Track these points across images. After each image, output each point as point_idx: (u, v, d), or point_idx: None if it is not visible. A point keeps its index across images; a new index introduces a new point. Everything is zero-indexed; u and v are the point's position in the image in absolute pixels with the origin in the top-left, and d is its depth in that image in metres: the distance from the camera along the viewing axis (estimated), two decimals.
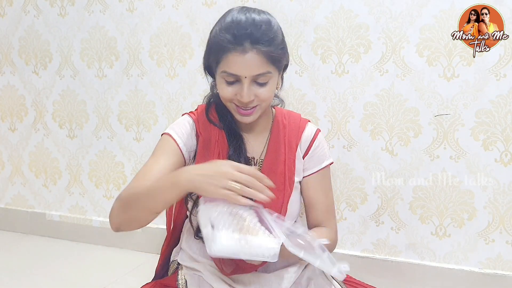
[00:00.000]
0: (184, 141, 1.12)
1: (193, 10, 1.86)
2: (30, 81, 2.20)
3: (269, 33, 1.02)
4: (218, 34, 1.04)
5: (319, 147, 1.20)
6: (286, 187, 1.13)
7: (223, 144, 1.12)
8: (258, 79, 1.03)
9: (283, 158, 1.15)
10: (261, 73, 1.03)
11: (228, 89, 1.05)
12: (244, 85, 1.03)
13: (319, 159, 1.20)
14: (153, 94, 1.99)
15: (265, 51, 1.01)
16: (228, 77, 1.03)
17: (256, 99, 1.06)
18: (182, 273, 1.18)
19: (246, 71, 1.01)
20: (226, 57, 1.01)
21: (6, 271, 1.89)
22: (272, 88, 1.07)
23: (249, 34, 1.00)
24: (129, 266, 1.94)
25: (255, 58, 1.00)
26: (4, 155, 2.33)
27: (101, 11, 2.01)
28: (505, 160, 1.59)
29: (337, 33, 1.69)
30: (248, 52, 1.00)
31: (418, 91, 1.64)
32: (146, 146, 2.05)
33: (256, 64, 1.01)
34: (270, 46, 1.01)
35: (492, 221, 1.63)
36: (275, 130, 1.18)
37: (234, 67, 1.01)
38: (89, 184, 2.19)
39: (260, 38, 1.00)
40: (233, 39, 1.00)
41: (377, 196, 1.74)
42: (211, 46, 1.07)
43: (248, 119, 1.09)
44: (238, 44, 1.00)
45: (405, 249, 1.74)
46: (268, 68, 1.03)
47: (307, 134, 1.20)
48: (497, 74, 1.55)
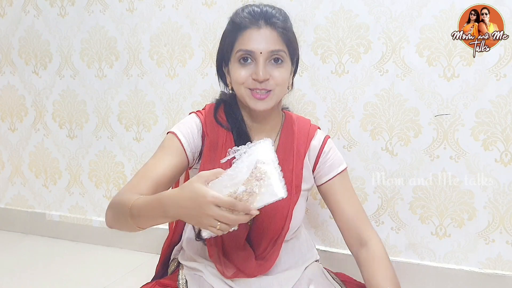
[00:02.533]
0: (189, 141, 1.12)
1: (193, 10, 1.86)
2: (30, 81, 2.20)
3: (282, 16, 1.09)
4: (235, 18, 1.09)
5: (330, 153, 1.20)
6: (293, 194, 1.13)
7: (231, 146, 1.11)
8: (273, 57, 1.06)
9: (291, 165, 1.14)
10: (275, 49, 1.05)
11: (242, 71, 1.06)
12: (259, 62, 1.05)
13: (335, 164, 1.20)
14: (153, 94, 1.99)
15: (279, 28, 1.06)
16: (244, 56, 1.06)
17: (272, 80, 1.06)
18: (182, 273, 1.18)
19: (262, 45, 1.04)
20: (242, 35, 1.06)
21: (6, 271, 1.89)
22: (287, 72, 1.09)
23: (264, 13, 1.06)
24: (129, 266, 1.94)
25: (269, 33, 1.05)
26: (4, 155, 2.33)
27: (101, 11, 2.01)
28: (505, 160, 1.59)
29: (337, 33, 1.69)
30: (262, 27, 1.05)
31: (418, 91, 1.64)
32: (146, 146, 2.05)
33: (270, 39, 1.05)
34: (283, 24, 1.08)
35: (492, 221, 1.63)
36: (284, 135, 1.17)
37: (250, 43, 1.04)
38: (89, 184, 2.19)
39: (274, 16, 1.07)
40: (249, 16, 1.06)
41: (377, 196, 1.74)
42: (227, 32, 1.11)
43: (262, 104, 1.08)
44: (254, 21, 1.05)
45: (405, 249, 1.74)
46: (281, 46, 1.07)
47: (316, 142, 1.20)
48: (497, 74, 1.55)
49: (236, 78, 1.07)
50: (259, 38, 1.04)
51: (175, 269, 1.23)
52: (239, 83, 1.07)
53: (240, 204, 0.85)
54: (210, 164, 1.09)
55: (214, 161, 1.09)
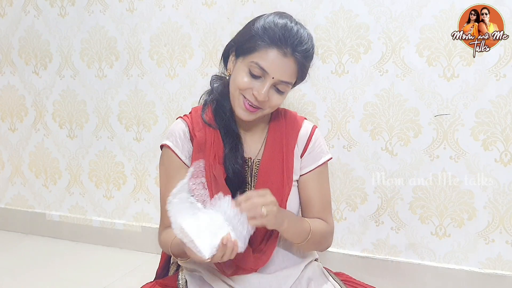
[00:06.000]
0: (181, 150, 1.15)
1: (193, 10, 1.86)
2: (30, 81, 2.20)
3: (311, 50, 1.08)
4: (268, 27, 1.05)
5: (316, 143, 1.20)
6: (285, 186, 1.13)
7: (219, 145, 1.12)
8: (280, 86, 1.07)
9: (281, 158, 1.15)
10: (287, 81, 1.06)
11: (247, 80, 1.06)
12: (266, 83, 1.05)
13: (317, 156, 1.19)
14: (153, 94, 1.99)
15: (300, 62, 1.06)
16: (256, 70, 1.05)
17: (267, 102, 1.07)
18: (182, 273, 1.18)
19: (277, 73, 1.04)
20: (266, 51, 1.04)
21: (6, 271, 1.89)
22: (283, 99, 1.11)
23: (295, 40, 1.04)
24: (129, 266, 1.94)
25: (290, 65, 1.05)
26: (4, 155, 2.34)
27: (101, 11, 2.01)
28: (505, 160, 1.59)
29: (337, 33, 1.69)
30: (287, 56, 1.04)
31: (418, 91, 1.64)
32: (146, 146, 2.05)
33: (288, 71, 1.05)
34: (306, 60, 1.07)
35: (492, 221, 1.63)
36: (272, 129, 1.18)
37: (269, 64, 1.03)
38: (89, 184, 2.19)
39: (303, 50, 1.05)
40: (283, 38, 1.03)
41: (377, 196, 1.74)
42: (254, 34, 1.06)
43: (249, 116, 1.09)
44: (283, 45, 1.03)
45: (405, 249, 1.74)
46: (293, 79, 1.08)
47: (304, 132, 1.20)
48: (497, 74, 1.55)
49: (238, 82, 1.07)
50: (279, 64, 1.04)
51: (175, 272, 1.24)
52: (238, 87, 1.07)
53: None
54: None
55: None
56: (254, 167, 1.15)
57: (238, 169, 1.11)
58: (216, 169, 1.09)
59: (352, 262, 1.79)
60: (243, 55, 1.07)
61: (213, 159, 1.10)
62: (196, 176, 1.07)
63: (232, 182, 1.10)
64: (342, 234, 1.81)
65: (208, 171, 1.09)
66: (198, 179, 1.07)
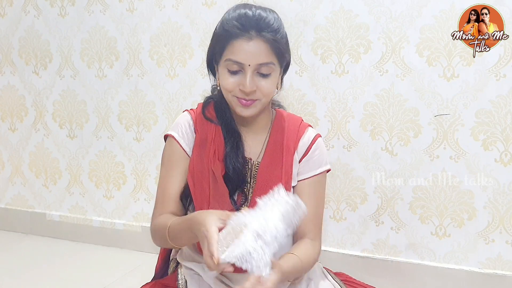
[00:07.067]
0: (186, 141, 1.14)
1: (193, 10, 1.86)
2: (30, 81, 2.20)
3: (274, 24, 1.05)
4: (225, 23, 1.06)
5: (316, 151, 1.18)
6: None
7: (219, 142, 1.12)
8: (261, 69, 1.04)
9: (280, 162, 1.14)
10: (264, 62, 1.04)
11: (230, 80, 1.06)
12: (247, 74, 1.04)
13: (315, 164, 1.17)
14: (153, 94, 1.99)
15: (270, 40, 1.03)
16: (232, 66, 1.04)
17: (258, 91, 1.06)
18: (182, 273, 1.18)
19: (250, 59, 1.03)
20: (232, 44, 1.03)
21: (6, 271, 1.89)
22: (273, 83, 1.08)
23: (256, 23, 1.03)
24: (129, 266, 1.94)
25: (260, 46, 1.03)
26: (4, 155, 2.34)
27: (101, 11, 2.01)
28: (505, 160, 1.59)
29: (337, 33, 1.69)
30: (253, 39, 1.02)
31: (418, 91, 1.64)
32: (146, 146, 2.05)
33: (260, 52, 1.03)
34: (275, 36, 1.04)
35: (492, 221, 1.63)
36: (274, 132, 1.17)
37: (239, 54, 1.03)
38: (89, 184, 2.19)
39: (266, 27, 1.03)
40: (240, 26, 1.03)
41: (377, 196, 1.74)
42: (217, 36, 1.08)
43: (248, 111, 1.08)
44: (245, 32, 1.02)
45: (405, 249, 1.74)
46: (271, 58, 1.05)
47: (306, 139, 1.18)
48: (497, 74, 1.55)
49: (224, 85, 1.07)
50: (248, 50, 1.02)
51: (175, 269, 1.24)
52: (227, 90, 1.08)
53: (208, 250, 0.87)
54: (199, 159, 1.11)
55: (202, 157, 1.11)
56: (253, 169, 1.15)
57: (239, 168, 1.11)
58: (215, 165, 1.09)
59: (352, 262, 1.79)
60: (218, 58, 1.08)
61: (213, 154, 1.10)
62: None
63: (232, 180, 1.10)
64: (342, 234, 1.81)
65: (206, 166, 1.10)
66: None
